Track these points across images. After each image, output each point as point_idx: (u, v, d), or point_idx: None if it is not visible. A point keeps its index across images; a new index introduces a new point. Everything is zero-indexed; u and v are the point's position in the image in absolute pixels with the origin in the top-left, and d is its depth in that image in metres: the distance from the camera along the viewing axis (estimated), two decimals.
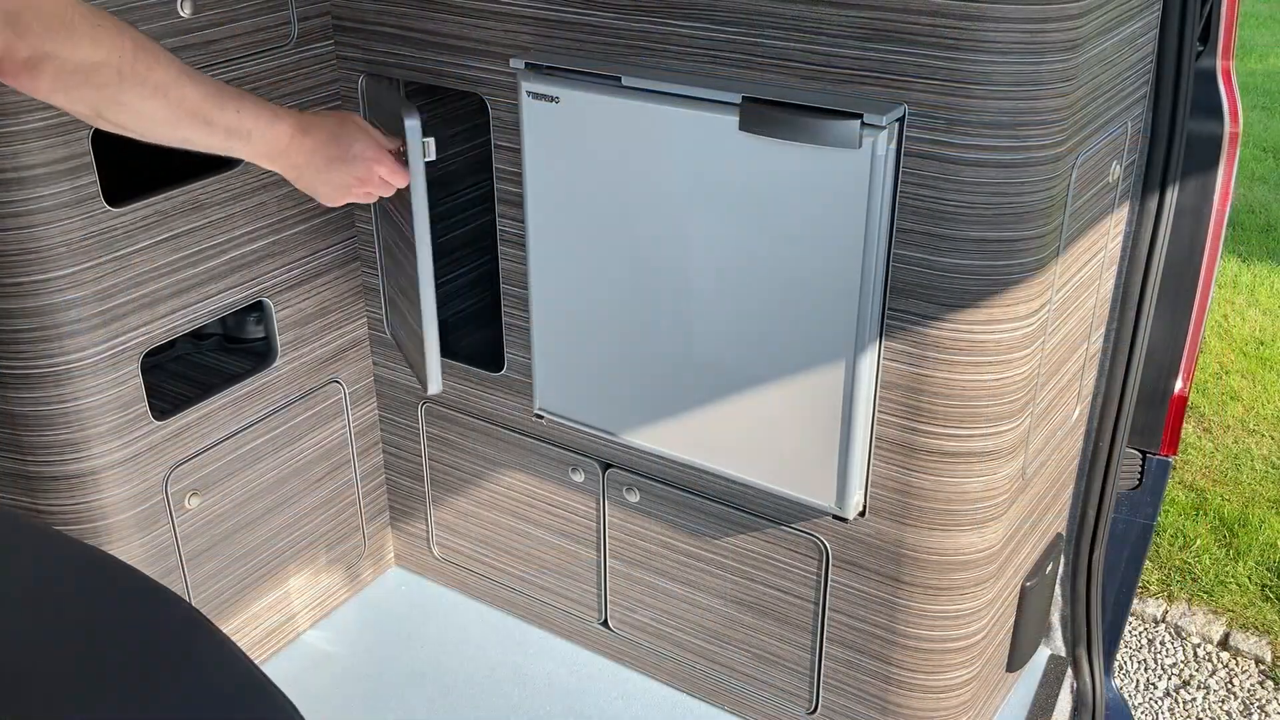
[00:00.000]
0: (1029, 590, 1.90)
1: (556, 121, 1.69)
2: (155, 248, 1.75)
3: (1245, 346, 4.43)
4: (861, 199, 1.49)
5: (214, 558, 2.01)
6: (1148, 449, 2.05)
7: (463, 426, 2.13)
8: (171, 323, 1.82)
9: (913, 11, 1.41)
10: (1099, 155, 1.60)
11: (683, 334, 1.72)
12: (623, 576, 2.05)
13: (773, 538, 1.84)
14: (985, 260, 1.50)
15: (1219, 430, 3.96)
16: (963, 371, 1.56)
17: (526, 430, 2.06)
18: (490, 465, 2.13)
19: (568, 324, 1.84)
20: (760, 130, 1.52)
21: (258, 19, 1.81)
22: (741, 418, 1.72)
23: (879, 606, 1.78)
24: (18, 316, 1.67)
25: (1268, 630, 3.18)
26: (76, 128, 1.62)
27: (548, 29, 1.70)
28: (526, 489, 2.10)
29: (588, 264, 1.77)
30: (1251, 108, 6.57)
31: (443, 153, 2.22)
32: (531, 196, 1.77)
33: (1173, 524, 3.54)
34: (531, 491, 2.10)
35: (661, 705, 2.09)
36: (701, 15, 1.56)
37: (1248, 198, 5.53)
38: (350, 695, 2.11)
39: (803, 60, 1.51)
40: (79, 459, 1.77)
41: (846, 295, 1.55)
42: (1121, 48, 1.57)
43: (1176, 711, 2.99)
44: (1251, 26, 7.99)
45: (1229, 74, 1.88)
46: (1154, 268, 1.79)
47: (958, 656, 1.79)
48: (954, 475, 1.64)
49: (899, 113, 1.46)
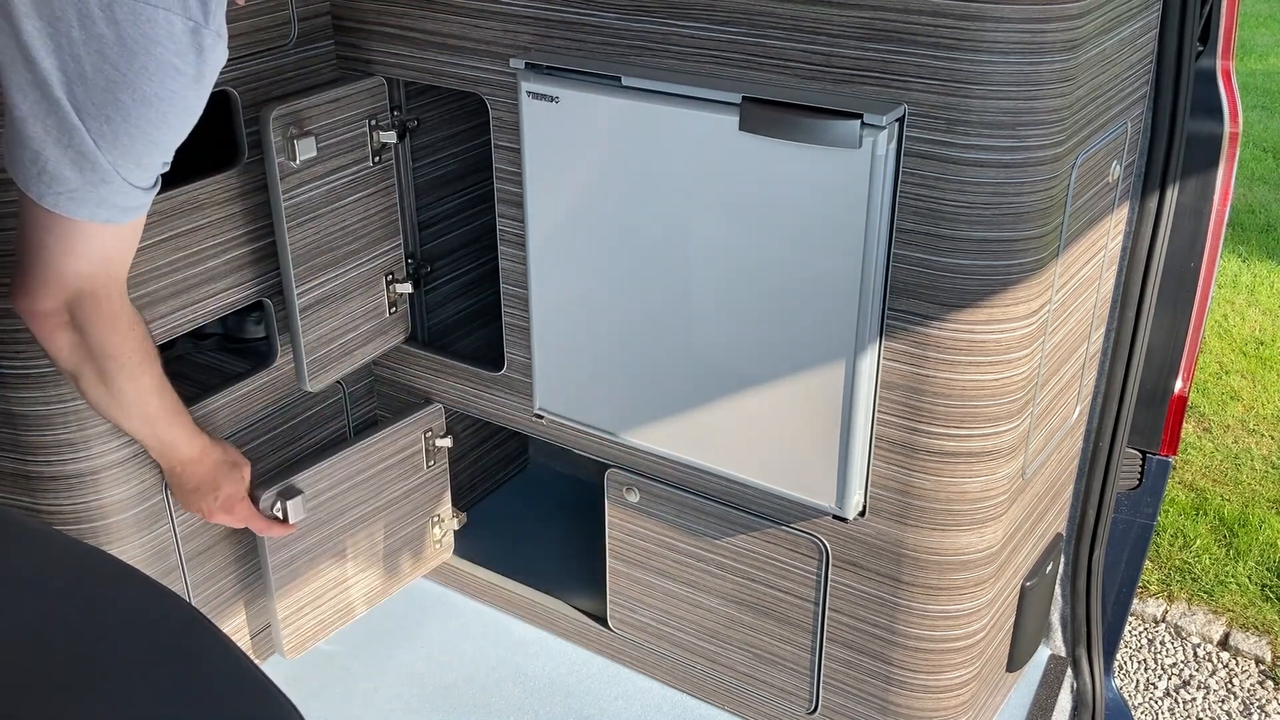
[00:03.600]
0: (1029, 590, 1.90)
1: (556, 121, 1.69)
2: (155, 247, 1.75)
3: (1245, 346, 4.43)
4: (861, 199, 1.49)
5: (214, 558, 2.01)
6: (1148, 449, 2.05)
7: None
8: (171, 323, 1.82)
9: (913, 11, 1.41)
10: (1099, 155, 1.60)
11: (683, 334, 1.72)
12: (623, 576, 2.05)
13: (773, 538, 1.84)
14: (985, 260, 1.50)
15: (1219, 430, 3.96)
16: (963, 372, 1.56)
17: (527, 430, 2.06)
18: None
19: (568, 324, 1.84)
20: (760, 130, 1.52)
21: (257, 19, 1.81)
22: (741, 418, 1.72)
23: (879, 606, 1.78)
24: (18, 316, 1.67)
25: (1268, 630, 3.18)
26: None
27: (548, 29, 1.70)
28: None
29: (588, 264, 1.77)
30: (1251, 108, 6.57)
31: (443, 153, 2.22)
32: (531, 196, 1.77)
33: (1173, 524, 3.54)
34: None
35: (661, 705, 2.08)
36: (701, 15, 1.56)
37: (1248, 198, 5.53)
38: (350, 695, 2.11)
39: (803, 60, 1.51)
40: (79, 459, 1.76)
41: (847, 295, 1.55)
42: (1121, 48, 1.57)
43: (1176, 711, 2.99)
44: (1251, 26, 7.99)
45: (1229, 74, 1.88)
46: (1154, 268, 1.79)
47: (958, 656, 1.79)
48: (954, 475, 1.64)
49: (899, 113, 1.46)
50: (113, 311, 1.46)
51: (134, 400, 1.57)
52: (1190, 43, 1.66)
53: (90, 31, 1.14)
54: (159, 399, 1.62)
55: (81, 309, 1.43)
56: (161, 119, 1.23)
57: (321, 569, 2.07)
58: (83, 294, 1.42)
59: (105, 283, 1.43)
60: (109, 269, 1.42)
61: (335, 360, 2.02)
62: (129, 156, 1.26)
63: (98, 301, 1.43)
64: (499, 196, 1.88)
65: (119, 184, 1.30)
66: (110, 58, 1.16)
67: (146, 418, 1.63)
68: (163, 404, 1.63)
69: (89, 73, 1.17)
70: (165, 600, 0.76)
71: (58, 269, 1.38)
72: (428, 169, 2.20)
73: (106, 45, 1.15)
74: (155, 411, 1.63)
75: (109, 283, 1.44)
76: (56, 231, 1.34)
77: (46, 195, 1.29)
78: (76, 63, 1.16)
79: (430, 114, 2.15)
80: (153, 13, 1.15)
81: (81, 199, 1.30)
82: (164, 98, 1.21)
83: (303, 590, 2.05)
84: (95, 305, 1.43)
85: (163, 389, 1.62)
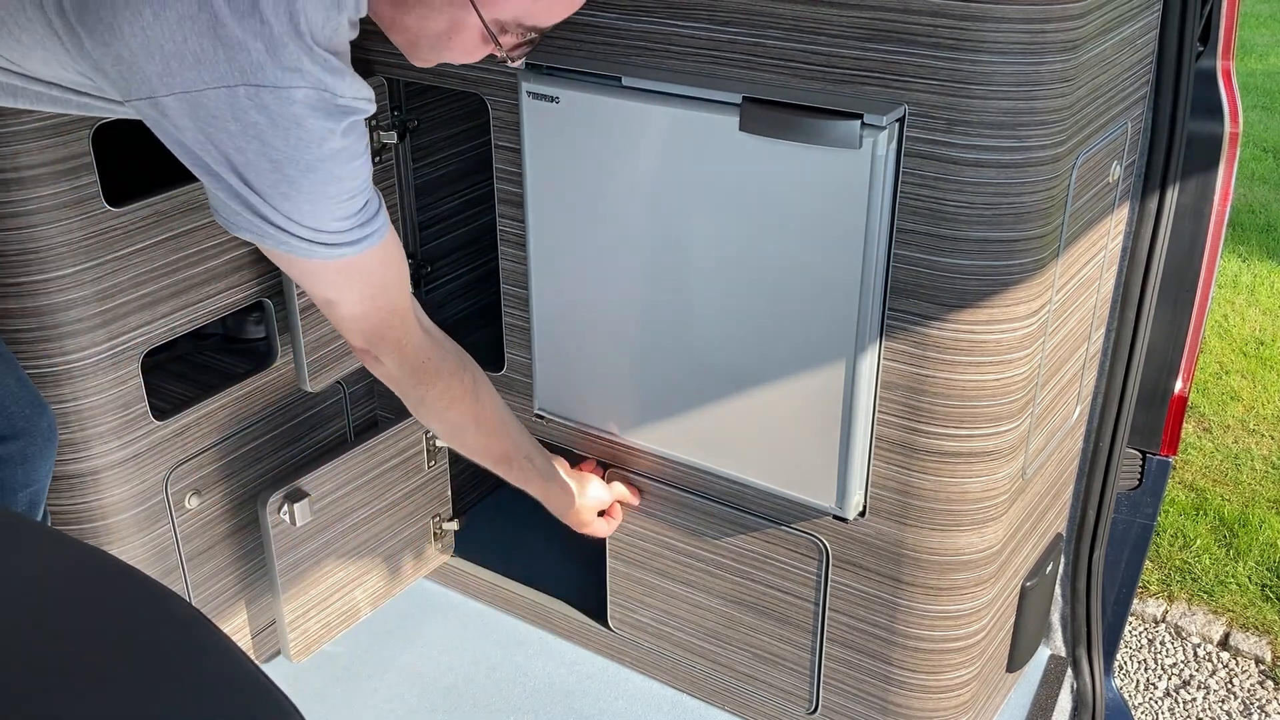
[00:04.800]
0: (1029, 590, 1.90)
1: (556, 121, 1.69)
2: (155, 248, 1.75)
3: (1245, 346, 4.43)
4: (862, 199, 1.48)
5: (214, 558, 2.01)
6: (1148, 449, 2.05)
7: None
8: (171, 323, 1.82)
9: (913, 12, 1.41)
10: (1099, 155, 1.60)
11: (683, 334, 1.72)
12: (623, 576, 2.05)
13: (773, 538, 1.84)
14: (986, 260, 1.50)
15: (1219, 430, 3.96)
16: (963, 372, 1.56)
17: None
18: None
19: (568, 324, 1.84)
20: (760, 130, 1.52)
21: None
22: (742, 418, 1.72)
23: (879, 606, 1.78)
24: (18, 316, 1.67)
25: (1268, 630, 3.18)
26: (76, 128, 1.62)
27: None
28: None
29: (588, 264, 1.77)
30: (1251, 108, 6.57)
31: (443, 153, 2.22)
32: (531, 196, 1.77)
33: (1173, 524, 3.54)
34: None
35: (661, 705, 2.08)
36: (702, 15, 1.56)
37: (1248, 198, 5.53)
38: (350, 695, 2.11)
39: (803, 60, 1.51)
40: (79, 459, 1.77)
41: (847, 295, 1.55)
42: (1121, 48, 1.57)
43: (1176, 711, 2.99)
44: (1251, 26, 7.99)
45: (1229, 74, 1.88)
46: (1154, 268, 1.79)
47: (958, 656, 1.79)
48: (954, 475, 1.64)
49: (899, 113, 1.46)
50: (407, 345, 1.52)
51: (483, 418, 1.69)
52: (1190, 43, 1.65)
53: (244, 121, 1.20)
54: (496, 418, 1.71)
55: (379, 347, 1.50)
56: (331, 178, 1.28)
57: (327, 571, 2.07)
58: (371, 334, 1.47)
59: (381, 318, 1.46)
60: (376, 303, 1.45)
61: (335, 360, 2.02)
62: (316, 219, 1.31)
63: (386, 336, 1.49)
64: (499, 197, 1.88)
65: (327, 235, 1.33)
66: (268, 140, 1.22)
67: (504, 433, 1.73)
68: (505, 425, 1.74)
69: (253, 160, 1.24)
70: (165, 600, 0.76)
71: (334, 316, 1.45)
72: (428, 169, 2.20)
73: (263, 130, 1.21)
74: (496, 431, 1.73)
75: (385, 317, 1.47)
76: (307, 273, 1.39)
77: (280, 246, 1.33)
78: (240, 153, 1.23)
79: (430, 114, 2.15)
80: (292, 93, 1.21)
81: (302, 248, 1.33)
82: (325, 159, 1.26)
83: (309, 594, 2.05)
84: (386, 341, 1.49)
85: (502, 419, 1.72)
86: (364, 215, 1.35)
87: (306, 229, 1.31)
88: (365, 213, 1.35)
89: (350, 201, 1.33)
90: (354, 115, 1.27)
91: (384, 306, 1.46)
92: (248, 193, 1.27)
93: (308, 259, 1.34)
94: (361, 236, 1.36)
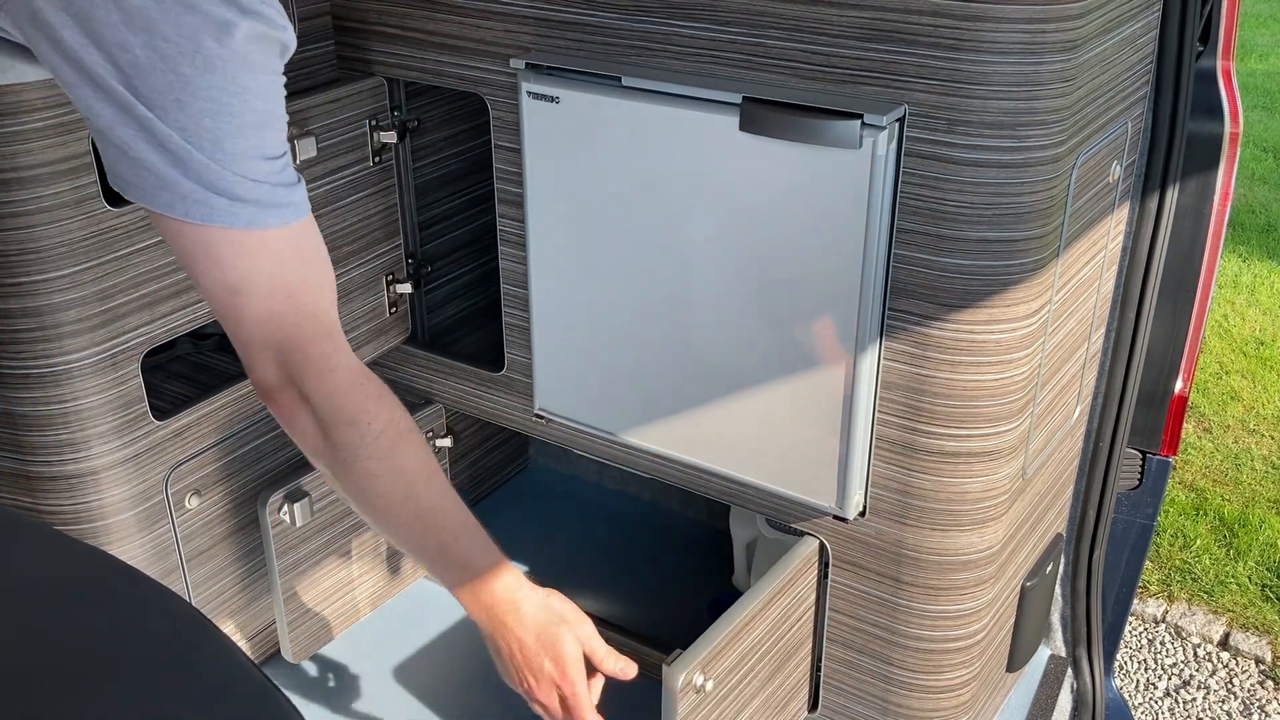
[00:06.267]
0: (1029, 590, 1.90)
1: (556, 121, 1.69)
2: (155, 248, 1.75)
3: (1245, 346, 4.43)
4: (862, 199, 1.49)
5: (214, 558, 2.01)
6: (1148, 449, 2.05)
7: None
8: (171, 323, 1.82)
9: (913, 11, 1.41)
10: (1099, 155, 1.60)
11: (683, 334, 1.72)
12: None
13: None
14: (986, 260, 1.50)
15: (1219, 430, 3.96)
16: (963, 372, 1.56)
17: (527, 430, 2.06)
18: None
19: (568, 324, 1.84)
20: (761, 130, 1.52)
21: None
22: (742, 418, 1.72)
23: (879, 606, 1.78)
24: (18, 316, 1.67)
25: (1268, 630, 3.18)
26: (76, 127, 1.62)
27: (548, 29, 1.70)
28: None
29: (588, 264, 1.77)
30: (1251, 108, 6.57)
31: (443, 153, 2.22)
32: (531, 196, 1.77)
33: (1173, 524, 3.54)
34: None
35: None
36: (702, 15, 1.56)
37: (1248, 198, 5.53)
38: (350, 695, 2.11)
39: (803, 60, 1.51)
40: (79, 459, 1.77)
41: (847, 295, 1.55)
42: (1121, 48, 1.57)
43: (1176, 711, 2.99)
44: (1251, 26, 7.99)
45: (1229, 74, 1.88)
46: (1154, 268, 1.79)
47: (958, 656, 1.79)
48: (954, 475, 1.64)
49: (899, 113, 1.46)
50: (337, 370, 1.22)
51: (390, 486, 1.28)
52: (1190, 43, 1.65)
53: (127, 7, 1.01)
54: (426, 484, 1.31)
55: (300, 371, 1.20)
56: (233, 86, 1.07)
57: (327, 572, 2.07)
58: (286, 349, 1.18)
59: (298, 321, 1.18)
60: (293, 301, 1.17)
61: None
62: (218, 146, 1.09)
63: (308, 353, 1.20)
64: (499, 196, 1.88)
65: (232, 177, 1.10)
66: (156, 27, 1.02)
67: (416, 510, 1.31)
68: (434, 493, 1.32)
69: (140, 56, 1.03)
70: (165, 600, 0.76)
71: (238, 321, 1.17)
72: (428, 169, 2.20)
73: (150, 14, 1.02)
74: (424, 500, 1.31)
75: (303, 321, 1.19)
76: (209, 251, 1.13)
77: (177, 205, 1.10)
78: (125, 50, 1.03)
79: (430, 114, 2.15)
80: None
81: (203, 202, 1.09)
82: (225, 58, 1.05)
83: (308, 594, 2.05)
84: (308, 361, 1.20)
85: (431, 476, 1.31)
86: (282, 177, 1.13)
87: (205, 161, 1.07)
88: (284, 175, 1.13)
89: (259, 136, 1.11)
90: (256, 17, 1.07)
91: (302, 308, 1.18)
92: (137, 106, 1.05)
93: (206, 223, 1.10)
94: (276, 203, 1.12)
